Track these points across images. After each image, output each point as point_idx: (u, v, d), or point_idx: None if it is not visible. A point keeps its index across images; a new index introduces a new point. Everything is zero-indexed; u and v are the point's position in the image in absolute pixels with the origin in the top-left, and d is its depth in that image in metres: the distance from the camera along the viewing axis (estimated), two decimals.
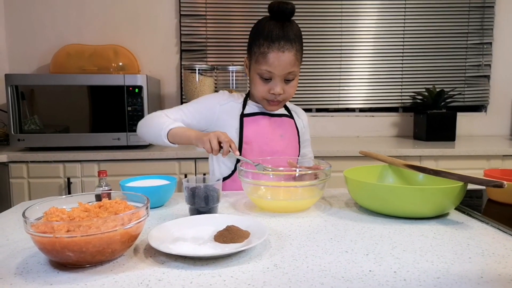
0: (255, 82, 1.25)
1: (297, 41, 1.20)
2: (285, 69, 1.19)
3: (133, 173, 2.02)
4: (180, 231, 0.81)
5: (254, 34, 1.23)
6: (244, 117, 1.29)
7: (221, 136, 1.07)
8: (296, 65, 1.21)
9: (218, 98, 1.33)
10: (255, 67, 1.22)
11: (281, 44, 1.16)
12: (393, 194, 0.92)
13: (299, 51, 1.21)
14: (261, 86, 1.23)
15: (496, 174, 1.12)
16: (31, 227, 0.66)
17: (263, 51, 1.18)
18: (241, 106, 1.32)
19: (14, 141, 2.08)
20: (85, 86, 2.09)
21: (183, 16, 2.60)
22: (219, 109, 1.30)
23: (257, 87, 1.25)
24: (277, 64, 1.18)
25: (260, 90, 1.24)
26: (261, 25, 1.22)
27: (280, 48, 1.16)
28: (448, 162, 2.18)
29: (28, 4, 2.51)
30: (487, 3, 2.72)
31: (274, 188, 1.03)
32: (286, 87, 1.23)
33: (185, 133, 1.17)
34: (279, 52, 1.17)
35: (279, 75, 1.20)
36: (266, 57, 1.18)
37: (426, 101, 2.59)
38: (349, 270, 0.66)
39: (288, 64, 1.18)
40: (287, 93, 1.24)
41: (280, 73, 1.19)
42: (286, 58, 1.18)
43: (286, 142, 1.32)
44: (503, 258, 0.71)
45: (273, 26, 1.18)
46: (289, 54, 1.18)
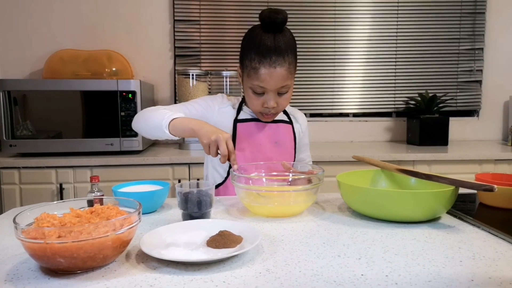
0: (248, 96, 1.23)
1: (290, 52, 1.16)
2: (278, 84, 1.16)
3: (126, 178, 2.01)
4: (173, 236, 0.81)
5: (245, 46, 1.20)
6: (238, 123, 1.29)
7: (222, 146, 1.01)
8: (289, 78, 1.18)
9: (218, 100, 1.32)
10: (247, 81, 1.20)
11: (273, 59, 1.13)
12: (386, 198, 0.92)
13: (292, 64, 1.17)
14: (254, 100, 1.21)
15: (487, 178, 1.13)
16: (22, 233, 0.66)
17: (254, 66, 1.15)
18: (236, 110, 1.31)
19: (6, 146, 2.07)
20: (78, 91, 2.09)
21: (177, 21, 2.60)
22: (218, 112, 1.29)
23: (251, 101, 1.23)
24: (268, 80, 1.15)
25: (254, 104, 1.22)
26: (252, 36, 1.18)
27: (272, 64, 1.13)
28: (441, 166, 2.19)
29: (21, 9, 2.51)
30: (478, 9, 2.76)
31: (267, 193, 1.03)
32: (280, 99, 1.21)
33: (189, 124, 1.09)
34: (271, 68, 1.13)
35: (272, 89, 1.17)
36: (258, 73, 1.15)
37: (419, 106, 2.61)
38: (341, 274, 0.67)
39: (280, 79, 1.15)
40: (281, 105, 1.22)
41: (273, 88, 1.17)
42: (278, 74, 1.14)
43: (281, 149, 1.31)
44: (494, 262, 0.71)
45: (264, 39, 1.14)
46: (281, 69, 1.14)
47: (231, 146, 1.03)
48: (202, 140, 1.05)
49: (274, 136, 1.31)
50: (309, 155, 1.47)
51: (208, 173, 1.37)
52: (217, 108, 1.30)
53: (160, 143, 2.65)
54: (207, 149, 1.04)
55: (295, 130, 1.37)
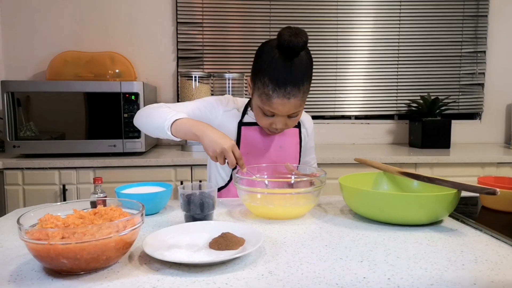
0: (257, 114, 1.20)
1: (306, 79, 1.11)
2: (289, 112, 1.14)
3: (129, 180, 2.01)
4: (175, 238, 0.81)
5: (260, 65, 1.13)
6: (242, 126, 1.28)
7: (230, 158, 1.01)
8: (302, 105, 1.14)
9: (223, 103, 1.30)
10: (258, 101, 1.15)
11: (287, 90, 1.08)
12: (388, 201, 0.92)
13: (306, 91, 1.13)
14: (263, 119, 1.18)
15: (490, 181, 1.13)
16: (26, 234, 0.66)
17: (267, 93, 1.10)
18: (241, 113, 1.29)
19: (10, 147, 2.08)
20: (81, 93, 2.10)
21: (179, 23, 2.61)
22: (222, 115, 1.28)
23: (259, 119, 1.21)
24: (281, 109, 1.11)
25: (262, 122, 1.20)
26: (268, 57, 1.10)
27: (286, 95, 1.08)
28: (443, 169, 2.19)
29: (25, 11, 2.52)
30: (481, 12, 2.76)
31: (270, 195, 1.03)
32: (289, 121, 1.18)
33: (192, 128, 1.06)
34: (284, 99, 1.09)
35: (283, 116, 1.15)
36: (270, 101, 1.10)
37: (421, 109, 2.61)
38: (344, 277, 0.67)
39: (293, 108, 1.12)
40: (289, 126, 1.21)
41: (284, 114, 1.14)
42: (292, 104, 1.11)
43: (285, 153, 1.31)
44: (496, 265, 0.71)
45: (280, 67, 1.08)
46: (295, 100, 1.10)
47: (238, 153, 1.02)
48: (207, 152, 1.04)
49: (279, 140, 1.30)
50: (314, 158, 1.47)
51: (211, 174, 1.37)
52: (222, 111, 1.28)
53: (162, 144, 2.65)
54: (214, 159, 1.04)
55: (301, 134, 1.36)
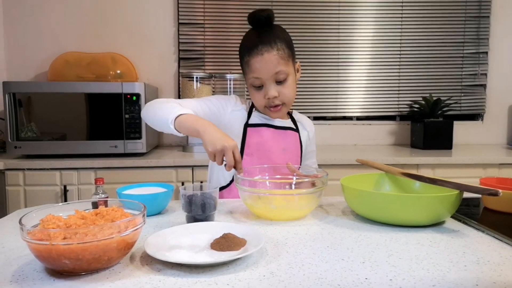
0: (251, 93, 1.26)
1: (278, 41, 1.19)
2: (270, 70, 1.18)
3: (130, 181, 2.01)
4: (177, 238, 0.81)
5: (240, 51, 1.26)
6: (248, 127, 1.29)
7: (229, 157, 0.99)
8: (282, 63, 1.19)
9: (231, 102, 1.32)
10: (246, 79, 1.25)
11: (259, 48, 1.17)
12: (390, 202, 0.92)
13: (282, 49, 1.19)
14: (257, 94, 1.24)
15: (492, 182, 1.13)
16: (28, 234, 0.66)
17: (246, 61, 1.21)
18: (247, 115, 1.31)
19: (11, 148, 2.08)
20: (82, 93, 2.10)
21: (181, 24, 2.61)
22: (230, 114, 1.30)
23: (254, 97, 1.26)
24: (259, 67, 1.18)
25: (257, 98, 1.25)
26: (243, 39, 1.25)
27: (258, 52, 1.17)
28: (445, 170, 2.19)
29: (26, 12, 2.53)
30: (483, 13, 2.76)
31: (271, 196, 1.03)
32: (280, 88, 1.22)
33: (195, 124, 1.06)
34: (258, 56, 1.18)
35: (267, 78, 1.20)
36: (249, 65, 1.20)
37: (423, 110, 2.60)
38: (345, 278, 0.66)
39: (271, 64, 1.18)
40: (284, 94, 1.23)
41: (267, 76, 1.19)
42: (267, 59, 1.17)
43: (288, 156, 1.31)
44: (498, 266, 0.71)
45: (251, 35, 1.22)
46: (269, 55, 1.17)
47: (238, 155, 1.01)
48: (207, 148, 1.01)
49: (283, 142, 1.31)
50: (314, 162, 1.46)
51: (212, 176, 1.37)
52: (230, 110, 1.30)
53: (163, 145, 2.65)
54: (212, 157, 1.01)
55: (301, 138, 1.37)
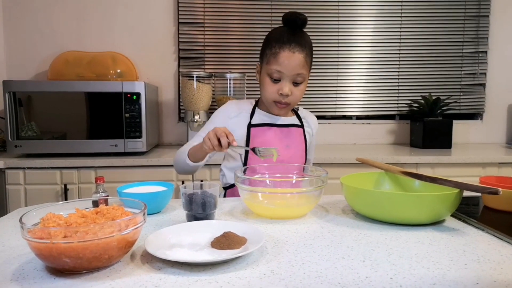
0: (264, 83, 1.28)
1: (308, 47, 1.25)
2: (295, 70, 1.22)
3: (130, 179, 2.02)
4: (177, 237, 0.81)
5: (267, 40, 1.28)
6: (252, 127, 1.32)
7: (218, 131, 1.09)
8: (305, 68, 1.24)
9: (228, 112, 1.37)
10: (266, 68, 1.26)
11: (292, 45, 1.21)
12: (390, 200, 0.92)
13: (308, 56, 1.25)
14: (270, 86, 1.26)
15: (492, 181, 1.13)
16: (28, 232, 0.66)
17: (274, 52, 1.23)
18: (249, 115, 1.34)
19: (11, 147, 2.08)
20: (83, 92, 2.10)
21: (181, 23, 2.61)
22: (230, 123, 1.33)
23: (267, 88, 1.28)
24: (287, 63, 1.22)
25: (269, 90, 1.27)
26: (274, 32, 1.28)
27: (291, 49, 1.21)
28: (444, 169, 2.19)
29: (26, 11, 2.52)
30: (482, 12, 2.76)
31: (271, 194, 1.03)
32: (294, 89, 1.26)
33: (195, 147, 1.24)
34: (290, 52, 1.21)
35: (288, 75, 1.23)
36: (277, 57, 1.22)
37: (422, 109, 2.60)
38: (346, 276, 0.67)
39: (298, 65, 1.22)
40: (295, 96, 1.27)
41: (290, 73, 1.23)
42: (296, 59, 1.21)
43: (292, 152, 1.34)
44: (499, 265, 0.71)
45: (286, 32, 1.24)
46: (299, 56, 1.22)
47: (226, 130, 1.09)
48: (204, 142, 1.11)
49: (286, 139, 1.34)
50: (312, 154, 1.52)
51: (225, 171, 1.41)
52: (229, 121, 1.34)
53: (163, 144, 2.66)
54: (209, 143, 1.09)
55: (305, 134, 1.40)
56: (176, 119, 2.68)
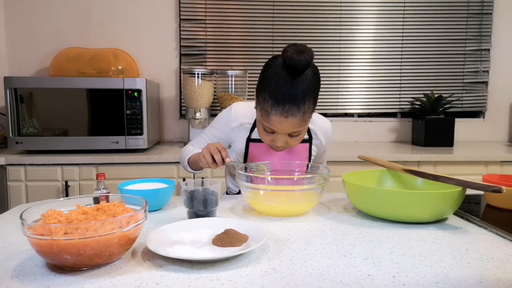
0: (259, 129, 1.17)
1: (308, 99, 1.06)
2: (288, 131, 1.10)
3: (131, 176, 2.01)
4: (178, 234, 0.81)
5: (262, 79, 1.10)
6: (251, 142, 1.28)
7: (211, 148, 1.08)
8: (302, 125, 1.10)
9: (230, 120, 1.29)
10: (259, 116, 1.13)
11: (286, 108, 1.04)
12: (392, 198, 0.92)
13: (308, 111, 1.08)
14: (264, 135, 1.15)
15: (495, 179, 1.12)
16: (29, 229, 0.66)
17: (266, 109, 1.07)
18: (250, 128, 1.28)
19: (12, 143, 2.08)
20: (84, 89, 2.09)
21: (182, 20, 2.60)
22: (231, 132, 1.29)
23: (261, 135, 1.17)
24: (278, 126, 1.08)
25: (263, 138, 1.17)
26: (271, 73, 1.07)
27: (284, 113, 1.05)
28: (446, 167, 2.18)
29: (28, 8, 2.52)
30: (485, 10, 2.74)
31: (273, 192, 1.03)
32: (291, 139, 1.14)
33: (194, 159, 1.25)
34: (282, 117, 1.06)
35: (282, 133, 1.11)
36: (269, 117, 1.08)
37: (424, 107, 2.59)
38: (348, 274, 0.66)
39: (291, 127, 1.08)
40: (291, 144, 1.16)
41: (283, 132, 1.11)
42: (289, 123, 1.07)
43: None
44: (502, 263, 0.71)
45: (282, 83, 1.05)
46: (293, 119, 1.06)
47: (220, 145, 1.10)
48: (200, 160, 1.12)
49: (287, 157, 1.28)
50: (324, 159, 1.46)
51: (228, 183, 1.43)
52: (231, 129, 1.29)
53: (165, 141, 2.65)
54: (204, 161, 1.09)
55: (311, 148, 1.32)
56: (177, 116, 2.68)
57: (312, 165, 1.20)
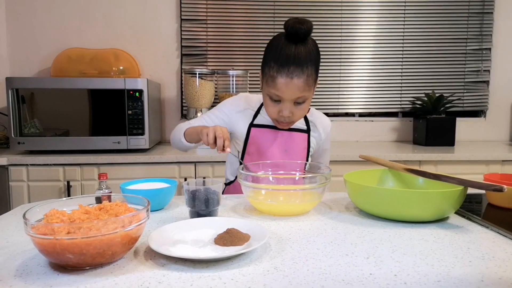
0: (265, 102, 1.23)
1: (310, 64, 1.13)
2: (294, 95, 1.15)
3: (133, 176, 2.02)
4: (180, 233, 0.81)
5: (267, 53, 1.18)
6: (252, 127, 1.30)
7: (218, 131, 1.08)
8: (307, 89, 1.15)
9: (235, 104, 1.35)
10: (266, 88, 1.19)
11: (291, 69, 1.11)
12: (394, 198, 0.92)
13: (311, 75, 1.14)
14: (271, 107, 1.21)
15: (496, 178, 1.12)
16: (32, 229, 0.66)
17: (272, 75, 1.14)
18: (254, 114, 1.32)
19: (14, 144, 2.08)
20: (85, 89, 2.10)
21: (183, 20, 2.61)
22: (235, 116, 1.33)
23: (267, 108, 1.23)
24: (285, 89, 1.13)
25: (270, 111, 1.22)
26: (274, 44, 1.16)
27: (289, 74, 1.11)
28: (447, 167, 2.18)
29: (29, 8, 2.52)
30: (486, 9, 2.74)
31: (274, 191, 1.03)
32: (296, 109, 1.19)
33: (195, 129, 1.23)
34: (288, 78, 1.12)
35: (288, 99, 1.16)
36: (275, 82, 1.14)
37: (425, 106, 2.59)
38: (350, 273, 0.66)
39: (297, 90, 1.14)
40: (296, 115, 1.21)
41: (289, 98, 1.16)
42: (295, 84, 1.13)
43: (289, 157, 1.31)
44: (504, 262, 0.71)
45: (285, 48, 1.13)
46: (298, 81, 1.12)
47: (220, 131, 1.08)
48: (201, 133, 1.12)
49: (285, 144, 1.31)
50: (326, 160, 1.47)
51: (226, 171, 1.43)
52: (234, 113, 1.33)
53: (166, 141, 2.65)
54: (205, 137, 1.10)
55: (310, 139, 1.35)
56: (178, 116, 2.68)
57: (314, 165, 1.20)
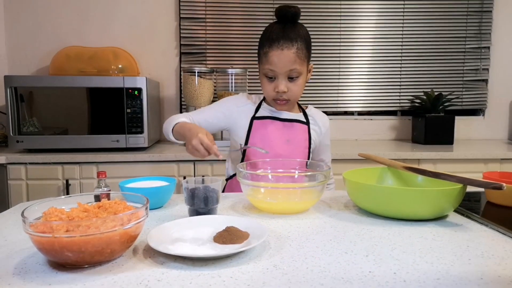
0: (262, 83, 1.30)
1: (300, 40, 1.23)
2: (286, 67, 1.22)
3: (132, 175, 2.01)
4: (180, 231, 0.81)
5: (260, 39, 1.29)
6: (254, 120, 1.34)
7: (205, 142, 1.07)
8: (298, 62, 1.23)
9: (237, 100, 1.39)
10: (261, 67, 1.28)
11: (280, 42, 1.21)
12: (392, 196, 0.92)
13: (301, 50, 1.23)
14: (267, 85, 1.28)
15: (495, 176, 1.13)
16: (30, 227, 0.66)
17: (265, 51, 1.24)
18: (255, 108, 1.36)
19: (13, 142, 2.08)
20: (84, 88, 2.09)
21: (182, 19, 2.60)
22: (236, 111, 1.36)
23: (264, 87, 1.30)
24: (277, 61, 1.22)
25: (267, 89, 1.29)
26: (266, 29, 1.28)
27: (279, 47, 1.21)
28: (446, 165, 2.18)
29: (28, 6, 2.52)
30: (485, 7, 2.74)
31: (273, 189, 1.03)
32: (291, 85, 1.26)
33: (183, 131, 1.21)
34: (278, 50, 1.21)
35: (281, 72, 1.24)
36: (267, 56, 1.23)
37: (424, 105, 2.59)
38: (349, 271, 0.66)
39: (288, 61, 1.22)
40: (292, 91, 1.27)
41: (281, 70, 1.23)
42: (286, 56, 1.21)
43: (292, 147, 1.33)
44: (503, 260, 0.71)
45: (275, 28, 1.25)
46: (289, 52, 1.21)
47: (206, 142, 1.07)
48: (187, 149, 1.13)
49: (287, 134, 1.34)
50: (328, 156, 1.49)
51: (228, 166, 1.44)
52: (236, 109, 1.37)
53: (165, 140, 2.65)
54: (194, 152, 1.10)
55: (311, 132, 1.38)
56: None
57: (313, 163, 1.20)
